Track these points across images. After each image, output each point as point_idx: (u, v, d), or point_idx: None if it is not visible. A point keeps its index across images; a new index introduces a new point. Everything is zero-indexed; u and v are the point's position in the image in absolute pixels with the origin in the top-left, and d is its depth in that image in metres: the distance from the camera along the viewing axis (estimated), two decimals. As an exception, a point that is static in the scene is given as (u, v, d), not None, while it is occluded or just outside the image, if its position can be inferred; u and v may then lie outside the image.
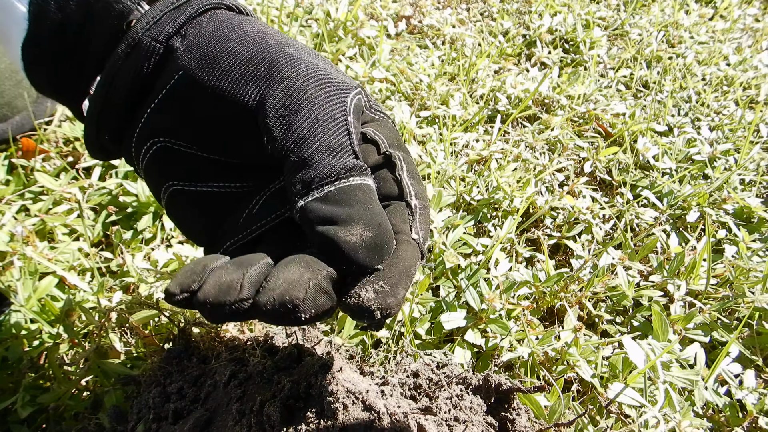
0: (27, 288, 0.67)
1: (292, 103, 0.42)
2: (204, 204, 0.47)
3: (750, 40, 1.50)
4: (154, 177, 0.48)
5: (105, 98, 0.45)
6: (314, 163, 0.41)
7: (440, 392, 0.53)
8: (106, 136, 0.47)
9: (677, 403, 0.64)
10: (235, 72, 0.43)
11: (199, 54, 0.44)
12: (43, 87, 0.49)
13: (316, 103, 0.42)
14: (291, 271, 0.36)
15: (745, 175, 1.05)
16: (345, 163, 0.41)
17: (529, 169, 0.99)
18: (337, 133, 0.42)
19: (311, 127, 0.41)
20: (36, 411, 0.57)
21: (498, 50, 1.33)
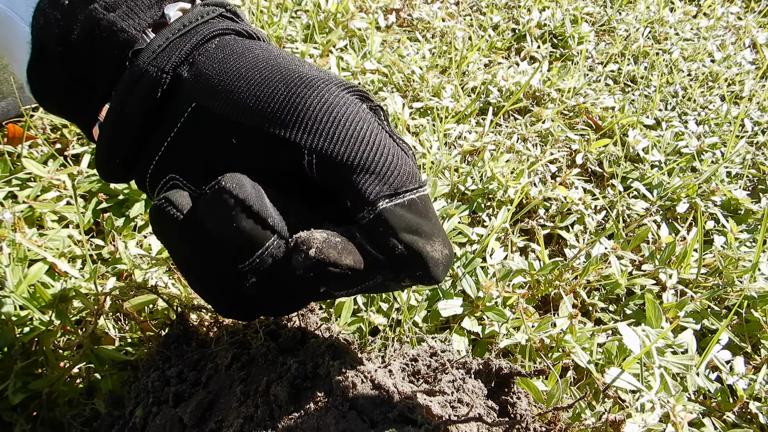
0: (16, 274, 0.66)
1: (336, 122, 0.40)
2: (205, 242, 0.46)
3: (733, 38, 1.53)
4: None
5: (114, 128, 0.44)
6: (396, 170, 0.40)
7: (443, 375, 0.53)
8: (118, 161, 0.46)
9: (672, 388, 0.64)
10: (254, 99, 0.41)
11: (211, 84, 0.42)
12: (52, 110, 0.48)
13: (359, 119, 0.41)
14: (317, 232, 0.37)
15: (732, 168, 1.07)
16: (419, 174, 0.41)
17: (522, 160, 1.00)
18: (396, 147, 0.41)
19: (375, 140, 0.40)
20: (28, 397, 0.56)
21: (488, 44, 1.34)
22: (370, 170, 0.39)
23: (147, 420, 0.47)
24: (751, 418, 0.69)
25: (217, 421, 0.43)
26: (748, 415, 0.69)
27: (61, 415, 0.55)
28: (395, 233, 0.38)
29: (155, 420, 0.46)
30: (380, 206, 0.38)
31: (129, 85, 0.43)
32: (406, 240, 0.38)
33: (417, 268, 0.39)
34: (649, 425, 0.60)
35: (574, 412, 0.63)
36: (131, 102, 0.43)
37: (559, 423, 0.60)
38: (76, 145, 0.90)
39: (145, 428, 0.47)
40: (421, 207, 0.40)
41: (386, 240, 0.38)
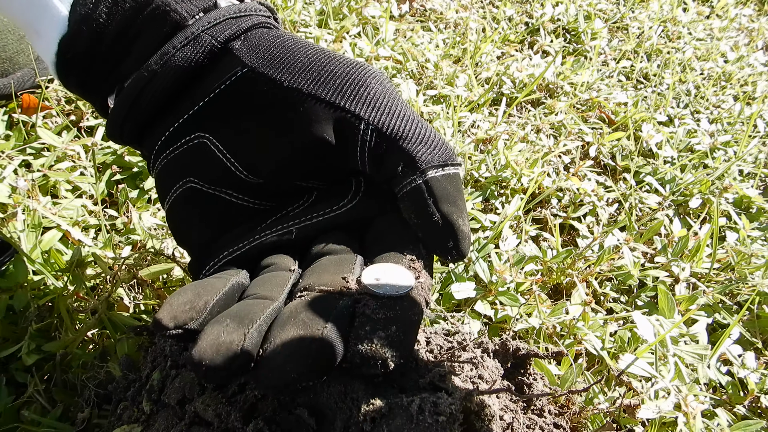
0: (30, 240, 0.65)
1: (387, 97, 0.43)
2: (216, 211, 0.46)
3: (746, 39, 1.53)
4: (176, 170, 0.46)
5: (148, 81, 0.44)
6: (440, 144, 0.42)
7: (461, 353, 0.53)
8: (136, 119, 0.46)
9: (687, 376, 0.64)
10: (314, 71, 0.43)
11: (267, 55, 0.44)
12: (68, 81, 0.48)
13: (401, 101, 0.44)
14: (289, 335, 0.34)
15: (744, 167, 1.07)
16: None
17: (536, 150, 0.99)
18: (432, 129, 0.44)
19: (414, 118, 0.43)
20: (42, 359, 0.55)
21: (501, 36, 1.33)
22: (423, 143, 0.41)
23: (165, 383, 0.47)
24: (761, 412, 0.69)
25: (240, 385, 0.42)
26: (758, 409, 0.69)
27: (75, 377, 0.54)
28: (436, 201, 0.40)
29: (173, 383, 0.46)
30: (429, 174, 0.40)
31: (179, 44, 0.43)
32: (444, 210, 0.40)
33: (448, 238, 0.41)
34: (663, 411, 0.60)
35: (587, 396, 0.63)
36: (178, 57, 0.43)
37: (572, 407, 0.60)
38: (90, 117, 0.90)
39: (163, 391, 0.46)
40: (459, 184, 0.42)
41: (427, 207, 0.40)
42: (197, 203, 0.46)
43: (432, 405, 0.35)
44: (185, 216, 0.47)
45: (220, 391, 0.43)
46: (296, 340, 0.33)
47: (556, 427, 0.51)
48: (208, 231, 0.46)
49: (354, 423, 0.36)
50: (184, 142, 0.45)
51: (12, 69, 0.88)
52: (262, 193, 0.47)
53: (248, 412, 0.40)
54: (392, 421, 0.35)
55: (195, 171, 0.45)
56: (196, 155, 0.45)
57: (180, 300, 0.36)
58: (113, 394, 0.52)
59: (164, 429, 0.43)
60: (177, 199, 0.46)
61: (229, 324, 0.34)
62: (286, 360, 0.33)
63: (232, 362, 0.32)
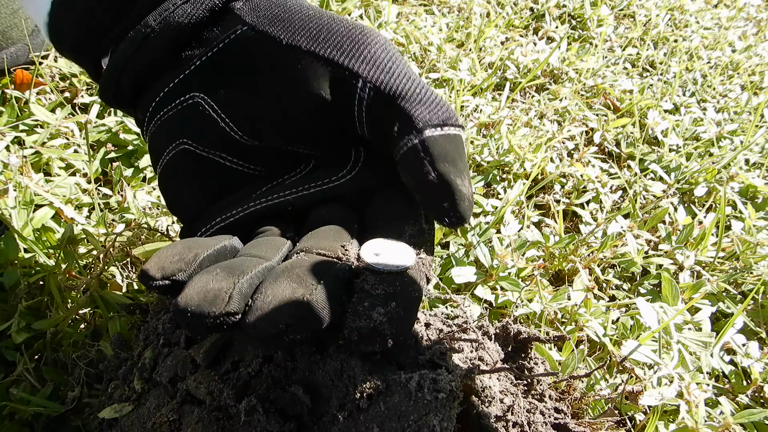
0: (22, 217, 0.64)
1: (388, 56, 0.41)
2: (209, 175, 0.45)
3: (754, 29, 1.51)
4: (169, 132, 0.45)
5: (145, 38, 0.43)
6: (439, 104, 0.40)
7: (461, 334, 0.51)
8: (131, 78, 0.45)
9: (690, 363, 0.63)
10: (312, 30, 0.41)
11: (268, 14, 0.42)
12: (61, 43, 0.46)
13: (404, 62, 0.42)
14: (282, 287, 0.33)
15: (751, 156, 1.05)
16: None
17: (539, 136, 0.98)
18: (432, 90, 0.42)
19: (415, 77, 0.41)
20: (32, 337, 0.54)
21: (506, 21, 1.31)
22: (422, 103, 0.40)
23: (157, 361, 0.46)
24: (764, 401, 0.68)
25: (233, 362, 0.41)
26: (761, 399, 0.68)
27: (66, 355, 0.53)
28: (433, 161, 0.38)
29: (166, 361, 0.44)
30: (426, 134, 0.38)
31: (181, 2, 0.42)
32: (440, 169, 0.38)
33: (445, 199, 0.38)
34: (666, 399, 0.59)
35: (588, 382, 0.62)
36: (178, 14, 0.42)
37: (573, 392, 0.59)
38: (84, 95, 0.88)
39: (155, 369, 0.45)
40: (459, 145, 0.40)
41: (422, 166, 0.38)
42: (190, 166, 0.45)
43: (431, 382, 0.33)
44: (177, 179, 0.46)
45: (213, 369, 0.42)
46: (288, 291, 0.32)
47: (556, 412, 0.50)
48: (201, 195, 0.45)
49: (350, 400, 0.35)
50: (178, 102, 0.44)
51: (5, 44, 0.86)
52: (257, 158, 0.45)
53: (241, 390, 0.38)
54: (390, 398, 0.34)
55: (189, 132, 0.44)
56: (190, 116, 0.44)
57: (169, 252, 0.35)
58: (104, 373, 0.51)
59: (155, 407, 0.42)
60: (169, 162, 0.45)
61: (219, 273, 0.33)
62: (275, 310, 0.31)
63: (219, 309, 0.31)
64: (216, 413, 0.38)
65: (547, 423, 0.47)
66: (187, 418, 0.39)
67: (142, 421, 0.41)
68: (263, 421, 0.36)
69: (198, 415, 0.39)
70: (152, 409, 0.42)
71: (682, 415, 0.59)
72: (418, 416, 0.32)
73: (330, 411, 0.36)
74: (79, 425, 0.49)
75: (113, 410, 0.45)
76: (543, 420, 0.47)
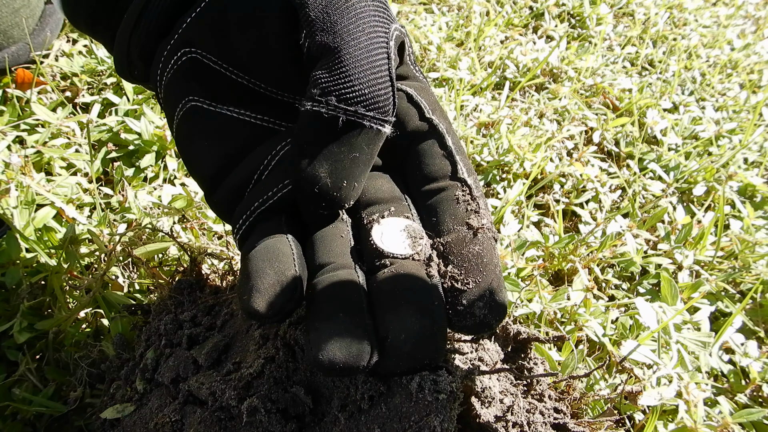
0: (24, 217, 0.64)
1: (338, 3, 0.38)
2: (222, 131, 0.44)
3: (753, 27, 1.51)
4: (176, 91, 0.44)
5: (146, 5, 0.42)
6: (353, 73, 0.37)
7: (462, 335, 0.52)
8: (138, 47, 0.44)
9: (689, 363, 0.63)
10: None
11: None
12: (77, 15, 0.46)
13: (362, 12, 0.38)
14: (409, 320, 0.34)
15: (749, 155, 1.05)
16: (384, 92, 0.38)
17: (539, 135, 0.98)
18: (377, 53, 0.38)
19: (354, 31, 0.38)
20: (34, 337, 0.54)
21: (505, 20, 1.31)
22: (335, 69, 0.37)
23: (159, 362, 0.46)
24: (763, 401, 0.68)
25: (235, 363, 0.41)
26: (760, 398, 0.68)
27: (68, 356, 0.53)
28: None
29: (168, 361, 0.45)
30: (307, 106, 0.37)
31: None
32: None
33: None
34: (665, 399, 0.59)
35: (588, 382, 0.62)
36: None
37: (573, 392, 0.59)
38: (86, 94, 0.88)
39: (157, 369, 0.45)
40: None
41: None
42: (200, 122, 0.44)
43: (432, 383, 0.34)
44: (191, 138, 0.44)
45: (215, 369, 0.42)
46: (417, 325, 0.34)
47: (556, 412, 0.50)
48: (216, 152, 0.44)
49: (352, 401, 0.35)
50: (176, 59, 0.43)
51: (6, 43, 0.86)
52: (269, 108, 0.44)
53: (243, 391, 0.39)
54: (391, 399, 0.34)
55: (194, 88, 0.43)
56: (192, 71, 0.43)
57: (266, 283, 0.35)
58: (106, 373, 0.51)
59: (157, 408, 0.43)
60: (181, 121, 0.44)
61: (344, 319, 0.34)
62: (414, 348, 0.33)
63: (366, 362, 0.33)
64: (218, 414, 0.39)
65: (547, 423, 0.47)
66: (189, 419, 0.40)
67: (144, 421, 0.42)
68: (265, 421, 0.36)
69: (200, 415, 0.39)
70: (154, 409, 0.42)
71: (681, 415, 0.59)
72: (419, 417, 0.33)
73: (331, 412, 0.36)
74: (81, 425, 0.50)
75: (115, 410, 0.45)
76: (543, 420, 0.47)
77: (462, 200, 0.40)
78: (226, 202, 0.44)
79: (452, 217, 0.40)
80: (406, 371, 0.34)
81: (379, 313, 0.35)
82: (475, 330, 0.36)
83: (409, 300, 0.35)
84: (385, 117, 0.38)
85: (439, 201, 0.41)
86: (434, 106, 0.44)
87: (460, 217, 0.39)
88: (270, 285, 0.35)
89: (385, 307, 0.35)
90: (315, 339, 0.33)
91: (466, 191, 0.40)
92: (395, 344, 0.33)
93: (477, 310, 0.35)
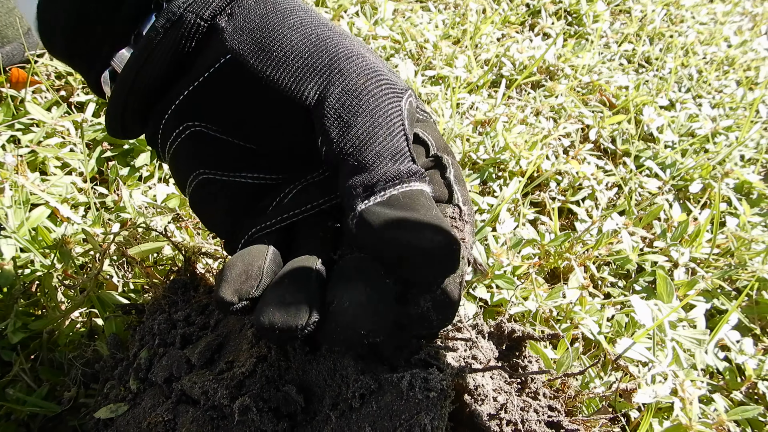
0: (18, 216, 0.64)
1: (352, 104, 0.39)
2: (234, 195, 0.44)
3: (750, 24, 1.51)
4: (184, 163, 0.45)
5: (138, 74, 0.42)
6: (375, 166, 0.38)
7: (455, 333, 0.52)
8: (131, 114, 0.44)
9: (684, 360, 0.63)
10: (293, 64, 0.40)
11: (251, 39, 0.41)
12: (59, 53, 0.46)
13: (375, 105, 0.40)
14: (357, 291, 0.34)
15: (746, 152, 1.05)
16: (407, 167, 0.38)
17: (535, 133, 0.98)
18: (397, 137, 0.39)
19: (371, 130, 0.39)
20: (28, 337, 0.54)
21: (502, 17, 1.31)
22: (361, 170, 0.38)
23: (152, 361, 0.46)
24: (758, 398, 0.68)
25: (228, 362, 0.41)
26: (755, 395, 0.69)
27: (62, 356, 0.53)
28: (374, 233, 0.36)
29: (161, 361, 0.45)
30: (359, 208, 0.37)
31: (162, 28, 0.41)
32: (387, 236, 0.36)
33: (402, 262, 0.36)
34: (660, 396, 0.59)
35: (583, 380, 0.62)
36: (162, 45, 0.41)
37: (567, 390, 0.59)
38: (80, 93, 0.88)
39: (150, 369, 0.45)
40: (404, 201, 0.37)
41: (373, 242, 0.36)
42: (214, 193, 0.44)
43: (422, 381, 0.34)
44: (207, 207, 0.45)
45: (208, 369, 0.42)
46: (363, 296, 0.34)
47: (550, 410, 0.50)
48: (231, 214, 0.44)
49: (343, 400, 0.35)
50: (179, 132, 0.43)
51: (1, 43, 0.86)
52: (276, 166, 0.45)
53: (235, 390, 0.39)
54: (381, 397, 0.34)
55: (201, 163, 0.43)
56: (197, 145, 0.43)
57: (234, 273, 0.36)
58: (100, 373, 0.51)
59: (151, 407, 0.43)
60: (194, 191, 0.45)
61: (288, 283, 0.35)
62: (354, 317, 0.33)
63: (303, 321, 0.33)
64: (210, 413, 0.39)
65: (541, 421, 0.47)
66: (182, 418, 0.40)
67: (138, 420, 0.42)
68: (257, 420, 0.36)
69: (193, 414, 0.39)
70: (147, 408, 0.42)
71: (676, 412, 0.59)
72: (409, 415, 0.33)
73: (323, 410, 0.36)
74: (75, 425, 0.50)
75: (109, 410, 0.45)
76: (537, 418, 0.47)
77: (449, 218, 0.41)
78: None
79: None
80: (344, 340, 0.34)
81: (332, 284, 0.36)
82: (417, 322, 0.36)
83: (362, 275, 0.35)
84: (424, 178, 0.40)
85: None
86: (439, 143, 0.46)
87: None
88: (237, 275, 0.36)
89: (337, 278, 0.36)
90: (260, 305, 0.34)
91: (456, 212, 0.41)
92: (337, 310, 0.34)
93: (422, 300, 0.36)
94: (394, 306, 0.35)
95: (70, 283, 0.60)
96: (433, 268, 0.36)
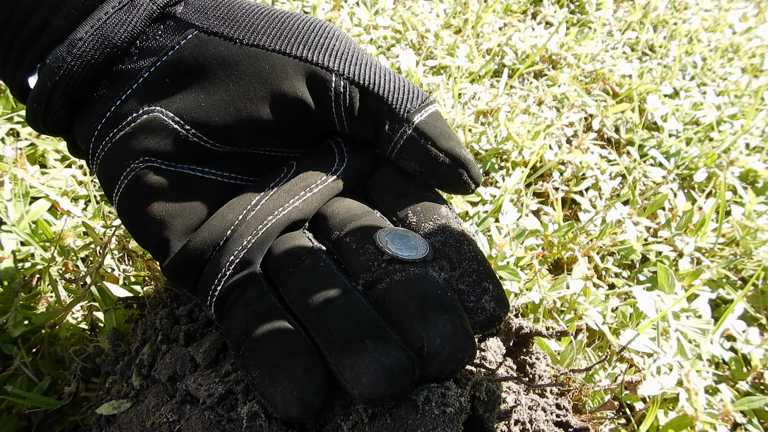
0: (18, 210, 0.64)
1: (355, 47, 0.42)
2: (181, 191, 0.41)
3: (755, 10, 1.50)
4: (126, 153, 0.40)
5: (79, 56, 0.38)
6: (410, 96, 0.42)
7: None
8: (64, 99, 0.40)
9: (689, 351, 0.63)
10: (273, 27, 0.40)
11: (217, 14, 0.40)
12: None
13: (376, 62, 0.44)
14: (439, 325, 0.34)
15: (751, 140, 1.04)
16: (425, 95, 0.43)
17: (538, 122, 0.97)
18: (407, 80, 0.44)
19: (392, 76, 0.42)
20: (29, 331, 0.54)
21: (504, 6, 1.30)
22: (396, 90, 0.41)
23: (155, 357, 0.46)
24: (764, 388, 0.68)
25: (233, 364, 0.41)
26: (762, 385, 0.68)
27: (63, 349, 0.53)
28: (434, 143, 0.40)
29: (164, 358, 0.44)
30: (416, 120, 0.41)
31: (112, 9, 0.38)
32: (445, 147, 0.41)
33: (461, 171, 0.42)
34: (665, 388, 0.59)
35: (587, 374, 0.62)
36: (112, 23, 0.38)
37: (573, 385, 0.59)
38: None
39: (153, 365, 0.45)
40: (442, 118, 0.43)
41: (428, 152, 0.40)
42: (158, 184, 0.40)
43: (440, 396, 0.33)
44: (144, 202, 0.40)
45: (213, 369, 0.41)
46: (449, 328, 0.34)
47: (558, 408, 0.50)
48: (176, 216, 0.40)
49: (355, 411, 0.34)
50: (132, 119, 0.39)
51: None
52: (232, 165, 0.43)
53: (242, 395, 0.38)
54: (396, 410, 0.33)
55: (152, 148, 0.39)
56: (149, 131, 0.39)
57: (294, 383, 0.34)
58: (102, 368, 0.50)
59: (154, 406, 0.42)
60: (131, 184, 0.40)
61: (374, 344, 0.33)
62: (453, 350, 0.34)
63: (410, 379, 0.33)
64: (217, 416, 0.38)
65: (549, 420, 0.47)
66: (186, 420, 0.39)
67: (141, 419, 0.41)
68: (265, 427, 0.36)
69: (198, 416, 0.38)
70: (151, 407, 0.42)
71: (681, 403, 0.59)
72: (425, 430, 0.32)
73: (334, 419, 0.36)
74: (77, 420, 0.49)
75: (111, 406, 0.44)
76: (545, 417, 0.47)
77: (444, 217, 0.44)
78: (188, 266, 0.41)
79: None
80: (450, 375, 0.34)
81: (405, 324, 0.34)
82: (488, 324, 0.36)
83: (432, 303, 0.34)
84: (433, 100, 0.44)
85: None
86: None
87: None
88: (289, 387, 0.33)
89: (408, 317, 0.34)
90: (353, 377, 0.32)
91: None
92: (433, 351, 0.33)
93: (486, 304, 0.36)
94: (465, 317, 0.35)
95: (70, 277, 0.60)
96: (473, 177, 0.43)
